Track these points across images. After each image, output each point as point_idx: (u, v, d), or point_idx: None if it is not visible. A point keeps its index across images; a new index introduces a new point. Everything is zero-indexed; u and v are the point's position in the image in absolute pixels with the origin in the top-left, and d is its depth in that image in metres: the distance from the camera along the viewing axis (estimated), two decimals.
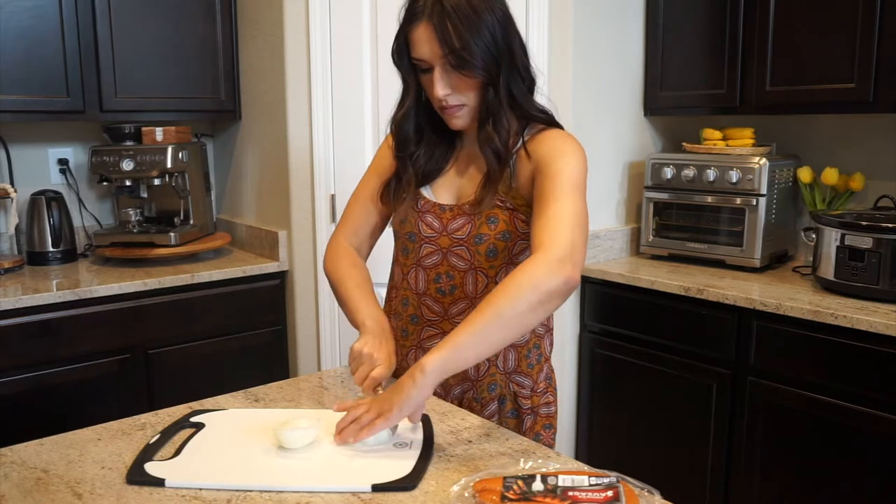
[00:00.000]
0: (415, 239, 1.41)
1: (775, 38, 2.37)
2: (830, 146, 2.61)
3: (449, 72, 1.26)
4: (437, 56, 1.25)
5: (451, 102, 1.29)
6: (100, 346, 2.34)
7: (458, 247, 1.37)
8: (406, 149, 1.39)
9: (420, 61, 1.28)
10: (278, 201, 2.70)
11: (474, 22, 1.23)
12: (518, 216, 1.34)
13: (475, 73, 1.26)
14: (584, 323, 2.70)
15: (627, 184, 2.81)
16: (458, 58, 1.23)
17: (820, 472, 2.10)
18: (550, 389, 1.48)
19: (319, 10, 2.48)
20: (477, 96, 1.30)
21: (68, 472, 1.09)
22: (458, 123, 1.33)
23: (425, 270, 1.41)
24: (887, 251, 2.06)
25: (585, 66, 2.56)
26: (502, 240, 1.35)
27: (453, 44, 1.22)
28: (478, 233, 1.35)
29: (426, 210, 1.40)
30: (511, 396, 1.43)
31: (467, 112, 1.32)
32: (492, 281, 1.37)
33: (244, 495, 1.02)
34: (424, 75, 1.31)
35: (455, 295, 1.39)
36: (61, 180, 2.80)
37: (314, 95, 2.53)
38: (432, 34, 1.23)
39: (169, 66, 2.66)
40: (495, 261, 1.36)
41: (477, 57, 1.24)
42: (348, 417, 1.16)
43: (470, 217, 1.36)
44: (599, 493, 0.94)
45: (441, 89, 1.27)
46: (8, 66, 2.36)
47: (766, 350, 2.19)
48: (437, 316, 1.41)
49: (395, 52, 1.32)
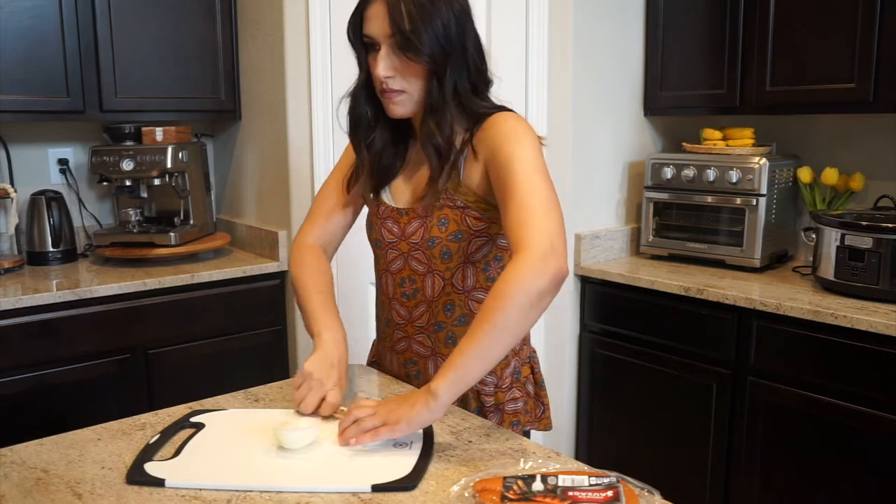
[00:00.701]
0: (380, 245, 1.42)
1: (775, 38, 2.37)
2: (830, 146, 2.61)
3: (394, 53, 1.25)
4: (384, 35, 1.24)
5: (392, 86, 1.27)
6: (100, 346, 2.34)
7: (415, 251, 1.37)
8: (358, 129, 1.37)
9: (369, 38, 1.27)
10: (278, 201, 2.70)
11: (428, 10, 1.22)
12: (470, 213, 1.32)
13: (419, 59, 1.24)
14: (584, 323, 2.70)
15: (627, 184, 2.81)
16: (404, 39, 1.22)
17: (820, 472, 2.10)
18: (517, 385, 1.43)
19: (319, 10, 2.47)
20: (421, 85, 1.28)
21: (68, 472, 1.09)
22: (396, 110, 1.31)
23: (392, 276, 1.41)
24: (887, 251, 2.06)
25: (585, 66, 2.56)
26: (454, 241, 1.33)
27: (402, 25, 1.21)
28: (430, 236, 1.34)
29: (386, 216, 1.40)
30: (474, 394, 1.40)
31: (407, 99, 1.29)
32: (448, 283, 1.36)
33: (244, 495, 1.02)
34: (372, 55, 1.29)
35: (417, 298, 1.39)
36: (61, 180, 2.80)
37: (314, 95, 2.52)
38: (384, 12, 1.23)
39: (169, 66, 2.66)
40: (450, 262, 1.34)
41: (424, 43, 1.22)
42: (350, 417, 1.16)
43: (422, 220, 1.35)
44: (599, 493, 0.94)
45: (383, 69, 1.25)
46: (8, 66, 2.36)
47: (766, 350, 2.19)
48: (403, 320, 1.42)
49: (350, 27, 1.31)
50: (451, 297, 1.37)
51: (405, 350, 1.43)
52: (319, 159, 2.57)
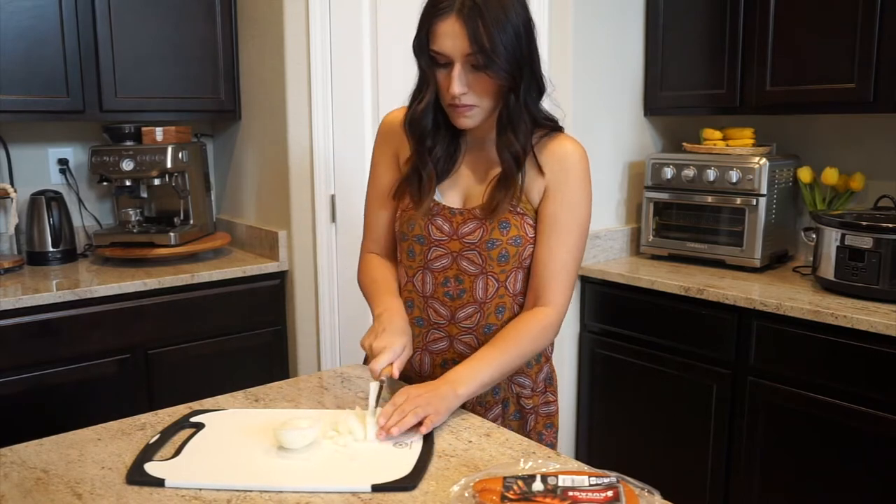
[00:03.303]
0: (424, 242, 1.40)
1: (775, 38, 2.37)
2: (830, 146, 2.61)
3: (469, 70, 1.24)
4: (461, 53, 1.22)
5: (465, 101, 1.27)
6: (100, 346, 2.34)
7: (469, 251, 1.36)
8: (424, 143, 1.37)
9: (439, 55, 1.25)
10: (278, 201, 2.70)
11: (503, 22, 1.21)
12: (527, 221, 1.35)
13: (499, 76, 1.23)
14: (584, 323, 2.70)
15: (627, 184, 2.81)
16: (485, 57, 1.21)
17: (820, 472, 2.10)
18: (550, 389, 1.48)
19: (319, 10, 2.48)
20: (491, 99, 1.28)
21: (68, 472, 1.09)
22: (466, 123, 1.31)
23: (433, 273, 1.40)
24: (887, 251, 2.06)
25: (585, 66, 2.56)
26: (513, 245, 1.35)
27: (482, 42, 1.20)
28: (490, 238, 1.34)
29: (436, 213, 1.38)
30: (514, 398, 1.43)
31: (477, 113, 1.29)
32: (502, 285, 1.37)
33: (244, 495, 1.02)
34: (440, 70, 1.28)
35: (464, 299, 1.38)
36: (61, 180, 2.80)
37: (314, 95, 2.52)
38: (461, 30, 1.20)
39: (169, 66, 2.66)
40: (506, 265, 1.36)
41: (503, 59, 1.21)
42: (393, 409, 1.19)
43: (481, 221, 1.35)
44: (599, 493, 0.94)
45: (458, 87, 1.24)
46: (8, 66, 2.36)
47: (766, 350, 2.19)
48: (443, 319, 1.41)
49: (416, 43, 1.29)
50: (503, 300, 1.38)
51: (445, 350, 1.41)
52: (319, 159, 2.57)
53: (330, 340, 2.67)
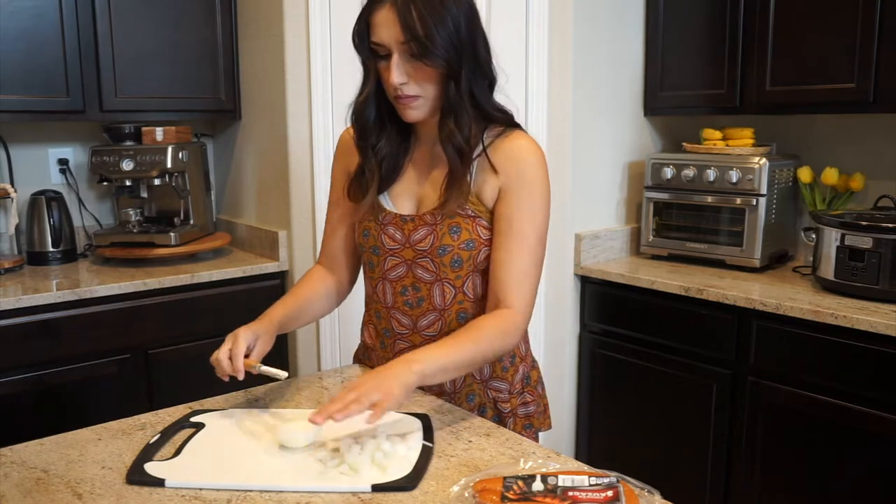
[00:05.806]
0: (379, 252, 1.39)
1: (775, 38, 2.37)
2: (830, 146, 2.61)
3: (407, 59, 1.23)
4: (396, 42, 1.22)
5: (407, 92, 1.25)
6: (100, 346, 2.34)
7: (422, 258, 1.34)
8: (367, 137, 1.35)
9: (379, 46, 1.25)
10: (278, 201, 2.70)
11: (439, 11, 1.20)
12: (480, 223, 1.32)
13: (435, 63, 1.22)
14: (584, 323, 2.70)
15: (627, 184, 2.81)
16: (419, 45, 1.20)
17: (820, 471, 2.10)
18: (528, 389, 1.46)
19: (319, 10, 2.47)
20: (435, 89, 1.26)
21: (68, 472, 1.09)
22: (412, 115, 1.29)
23: (391, 283, 1.39)
24: (887, 251, 2.06)
25: (585, 66, 2.56)
26: (466, 249, 1.32)
27: (416, 30, 1.19)
28: (441, 244, 1.32)
29: (388, 222, 1.37)
30: (491, 404, 1.41)
31: (423, 104, 1.28)
32: (459, 291, 1.35)
33: (244, 495, 1.02)
34: (381, 62, 1.27)
35: (423, 307, 1.37)
36: (61, 180, 2.80)
37: (314, 95, 2.52)
38: (395, 18, 1.20)
39: (169, 66, 2.66)
40: (460, 271, 1.34)
41: (439, 46, 1.20)
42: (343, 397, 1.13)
43: (432, 227, 1.33)
44: (599, 493, 0.94)
45: (397, 77, 1.23)
46: (8, 66, 2.36)
47: (766, 350, 2.19)
48: (406, 329, 1.40)
49: (356, 34, 1.28)
50: (463, 306, 1.37)
51: None
52: (319, 159, 2.57)
53: (330, 340, 2.66)
